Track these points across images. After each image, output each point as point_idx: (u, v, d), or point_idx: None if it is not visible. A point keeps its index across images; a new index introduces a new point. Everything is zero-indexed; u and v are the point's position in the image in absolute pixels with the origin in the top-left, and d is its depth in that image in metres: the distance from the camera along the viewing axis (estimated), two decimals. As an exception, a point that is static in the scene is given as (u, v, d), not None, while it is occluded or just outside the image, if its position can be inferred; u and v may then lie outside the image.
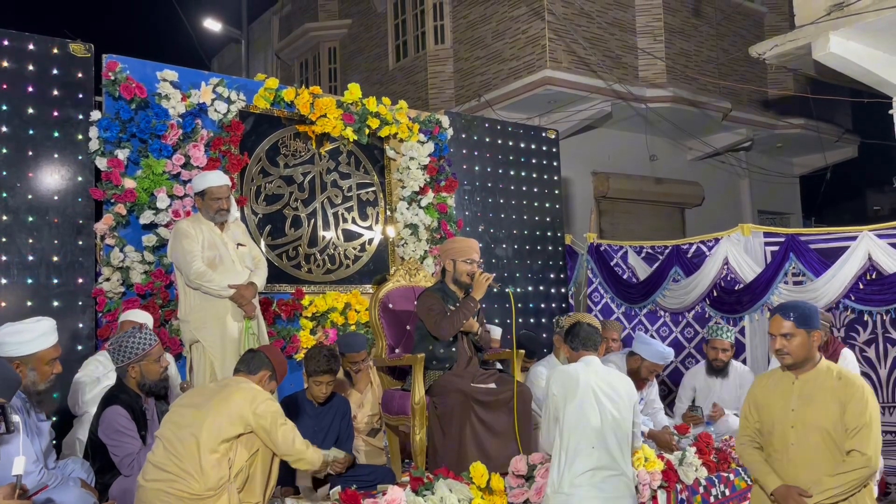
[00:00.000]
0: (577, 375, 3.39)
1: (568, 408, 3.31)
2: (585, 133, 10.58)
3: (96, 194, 4.69)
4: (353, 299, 5.60)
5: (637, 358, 4.95)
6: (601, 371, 3.48)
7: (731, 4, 11.66)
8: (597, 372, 3.45)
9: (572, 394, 3.32)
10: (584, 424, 3.27)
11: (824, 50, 6.04)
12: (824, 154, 12.50)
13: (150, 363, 3.48)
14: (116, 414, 3.36)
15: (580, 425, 3.27)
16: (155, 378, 3.50)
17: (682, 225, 12.10)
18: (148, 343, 3.50)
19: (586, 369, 3.44)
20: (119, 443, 3.33)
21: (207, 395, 3.17)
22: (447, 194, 6.28)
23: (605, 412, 3.31)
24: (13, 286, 4.41)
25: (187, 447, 2.97)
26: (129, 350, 3.45)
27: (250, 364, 3.33)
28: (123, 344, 3.47)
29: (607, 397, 3.35)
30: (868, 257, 5.51)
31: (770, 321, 3.15)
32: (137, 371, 3.47)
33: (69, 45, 4.72)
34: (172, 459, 2.96)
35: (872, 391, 3.04)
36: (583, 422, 3.28)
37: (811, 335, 3.03)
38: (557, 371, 3.50)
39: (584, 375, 3.39)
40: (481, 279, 4.22)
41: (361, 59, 13.09)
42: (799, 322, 3.01)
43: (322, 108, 5.59)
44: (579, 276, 7.69)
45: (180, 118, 4.97)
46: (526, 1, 9.59)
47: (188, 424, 3.02)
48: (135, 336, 3.50)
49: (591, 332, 3.59)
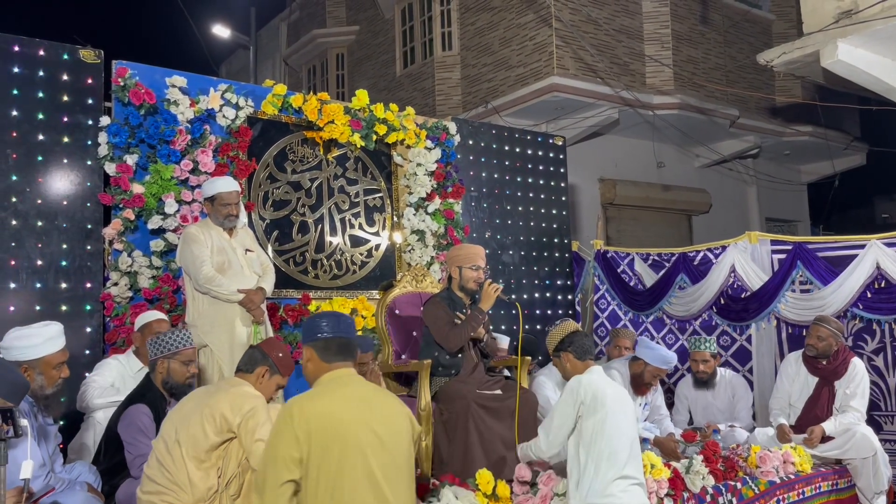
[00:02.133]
0: (603, 386, 3.35)
1: (597, 417, 3.25)
2: (592, 140, 10.58)
3: (105, 199, 4.71)
4: (360, 305, 5.61)
5: (640, 363, 4.94)
6: (610, 382, 3.48)
7: (739, 12, 11.66)
8: (612, 383, 3.45)
9: (601, 404, 3.26)
10: (615, 434, 3.25)
11: (833, 57, 6.03)
12: (832, 161, 12.47)
13: (178, 363, 3.53)
14: (140, 412, 3.38)
15: (613, 435, 3.24)
16: (180, 380, 3.52)
17: (690, 232, 12.08)
18: (183, 343, 3.57)
19: (605, 379, 3.44)
20: (136, 442, 3.33)
21: (195, 402, 3.08)
22: (454, 200, 6.29)
23: (627, 420, 3.33)
24: (22, 290, 4.43)
25: (175, 458, 2.92)
26: (164, 344, 3.53)
27: (248, 362, 3.27)
28: (162, 338, 3.56)
29: (623, 407, 3.36)
30: (876, 266, 5.48)
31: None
32: (165, 368, 3.52)
33: (79, 51, 4.75)
34: (162, 471, 2.92)
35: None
36: (615, 431, 3.25)
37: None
38: (586, 381, 3.37)
39: (609, 386, 3.38)
40: (490, 290, 4.20)
41: (369, 65, 13.13)
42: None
43: (330, 114, 5.61)
44: (586, 282, 7.68)
45: (189, 124, 4.99)
46: (533, 8, 9.61)
47: (175, 435, 2.96)
48: (174, 333, 3.60)
49: (590, 342, 3.59)
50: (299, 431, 2.36)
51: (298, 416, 2.38)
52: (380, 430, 2.45)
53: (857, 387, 4.84)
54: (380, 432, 2.45)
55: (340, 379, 2.56)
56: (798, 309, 5.87)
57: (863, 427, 4.75)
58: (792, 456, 4.49)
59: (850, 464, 4.72)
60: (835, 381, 4.92)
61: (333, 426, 2.38)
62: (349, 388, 2.52)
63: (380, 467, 2.41)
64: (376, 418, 2.47)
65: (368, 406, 2.49)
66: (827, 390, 4.93)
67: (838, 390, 4.90)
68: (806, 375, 5.06)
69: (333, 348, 2.60)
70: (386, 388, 4.68)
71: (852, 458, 4.69)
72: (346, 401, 2.47)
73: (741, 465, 4.38)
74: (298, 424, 2.37)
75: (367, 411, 2.46)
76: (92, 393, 3.99)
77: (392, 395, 2.72)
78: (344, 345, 2.62)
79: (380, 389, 2.64)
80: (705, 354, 5.32)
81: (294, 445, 2.36)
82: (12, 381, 2.67)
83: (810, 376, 5.04)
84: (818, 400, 4.95)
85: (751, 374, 6.14)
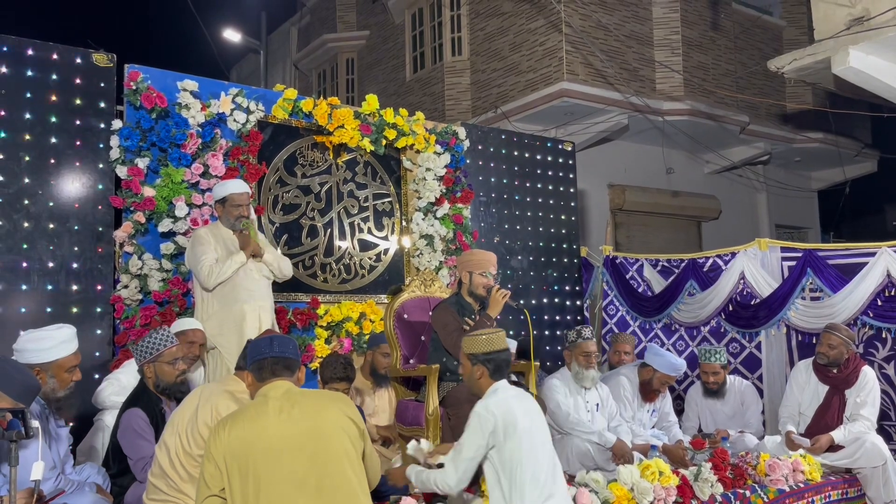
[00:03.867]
0: (512, 405, 3.05)
1: (512, 443, 2.99)
2: (602, 145, 10.58)
3: (116, 202, 4.74)
4: (369, 309, 5.62)
5: (649, 369, 4.93)
6: (520, 395, 3.19)
7: (749, 18, 11.64)
8: (522, 397, 3.17)
9: (513, 427, 2.99)
10: (534, 454, 3.02)
11: (844, 64, 6.02)
12: (843, 168, 12.41)
13: (164, 364, 3.49)
14: (135, 416, 3.38)
15: (532, 455, 3.01)
16: (169, 380, 3.49)
17: (699, 238, 12.05)
18: (163, 344, 3.52)
19: (511, 394, 3.14)
20: (134, 445, 3.34)
21: (193, 410, 3.02)
22: (463, 205, 6.29)
23: (542, 436, 3.12)
24: (33, 292, 4.46)
25: (177, 467, 2.90)
26: (145, 349, 3.50)
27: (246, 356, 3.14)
28: (142, 343, 3.52)
29: (536, 421, 3.13)
30: (887, 273, 5.44)
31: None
32: (152, 372, 3.50)
33: (92, 55, 4.79)
34: (166, 480, 2.91)
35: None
36: (533, 451, 3.02)
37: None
38: (492, 405, 3.05)
39: (516, 401, 3.09)
40: (497, 296, 4.19)
41: (379, 70, 13.17)
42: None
43: (340, 118, 5.62)
44: (595, 288, 7.67)
45: (200, 127, 5.02)
46: (543, 13, 9.62)
47: (177, 442, 2.94)
48: (153, 335, 3.55)
49: (507, 358, 3.25)
50: (217, 458, 2.43)
51: (214, 442, 2.44)
52: (299, 436, 2.46)
53: (868, 395, 4.81)
54: (300, 439, 2.45)
55: (265, 393, 2.59)
56: (808, 316, 5.85)
57: (873, 436, 4.72)
58: (801, 464, 4.47)
59: (859, 473, 4.69)
60: (845, 389, 4.89)
61: (246, 445, 2.41)
62: (269, 399, 2.54)
63: (311, 474, 2.42)
64: (294, 424, 2.48)
65: (287, 415, 2.49)
66: (837, 399, 4.90)
67: (849, 399, 4.87)
68: (816, 384, 5.03)
69: (267, 367, 2.67)
70: (395, 393, 4.70)
71: (862, 467, 4.66)
72: (262, 415, 2.49)
73: (750, 472, 4.36)
74: (215, 449, 2.43)
75: (283, 420, 2.47)
76: (110, 389, 4.00)
77: (322, 396, 2.73)
78: (274, 362, 2.67)
79: (309, 392, 2.67)
80: (715, 366, 5.27)
81: (210, 468, 2.44)
82: (24, 382, 2.69)
83: (821, 384, 5.01)
84: (828, 408, 4.92)
85: (760, 381, 6.11)
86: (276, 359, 2.66)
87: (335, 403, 2.62)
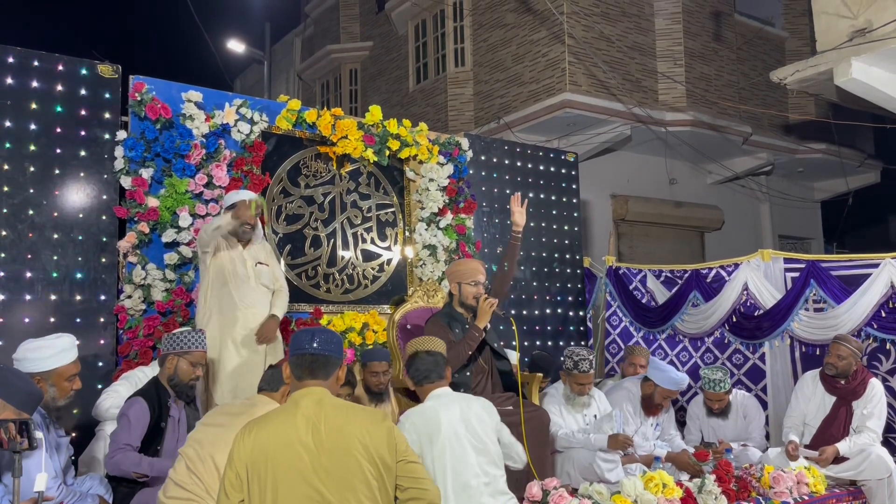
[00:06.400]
0: (436, 414, 3.04)
1: (434, 452, 2.99)
2: (605, 156, 10.59)
3: (120, 212, 4.75)
4: (371, 319, 5.62)
5: (651, 384, 4.90)
6: (455, 398, 3.19)
7: (752, 29, 11.67)
8: (451, 401, 3.16)
9: (434, 436, 2.98)
10: (461, 464, 2.99)
11: (846, 76, 6.03)
12: (846, 179, 12.41)
13: (187, 363, 3.65)
14: (136, 404, 3.45)
15: (458, 466, 2.98)
16: (185, 379, 3.64)
17: (702, 249, 12.03)
18: (195, 344, 3.69)
19: (441, 403, 3.13)
20: (121, 431, 3.40)
21: (232, 414, 3.16)
22: (466, 216, 6.30)
23: (473, 444, 3.07)
24: (37, 302, 4.47)
25: (207, 467, 2.96)
26: (178, 341, 3.66)
27: (271, 381, 3.33)
28: (177, 335, 3.69)
29: (470, 428, 3.09)
30: (890, 285, 5.42)
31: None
32: (174, 364, 3.63)
33: (97, 66, 4.81)
34: (193, 479, 2.94)
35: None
36: (460, 461, 2.99)
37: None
38: (412, 416, 3.08)
39: (442, 411, 3.06)
40: (485, 306, 4.19)
41: (382, 80, 13.22)
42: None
43: (343, 129, 5.64)
44: (598, 299, 7.66)
45: (204, 138, 5.04)
46: (546, 25, 9.66)
47: (209, 444, 3.01)
48: (191, 333, 3.71)
49: (429, 363, 3.29)
50: (238, 465, 2.34)
51: (238, 447, 2.36)
52: (319, 451, 2.33)
53: (875, 407, 4.79)
54: (319, 453, 2.32)
55: (297, 400, 2.46)
56: (811, 328, 5.83)
57: (878, 448, 4.70)
58: (806, 476, 4.44)
59: (864, 485, 4.66)
60: (853, 400, 4.88)
61: (268, 458, 2.31)
62: (300, 408, 2.41)
63: (330, 491, 2.31)
64: (319, 439, 2.34)
65: (313, 427, 2.36)
66: (844, 410, 4.88)
67: (856, 410, 4.85)
68: (823, 395, 5.01)
69: (305, 365, 2.50)
70: (398, 404, 4.68)
71: (867, 479, 4.63)
72: (289, 424, 2.37)
73: (754, 485, 4.34)
74: (238, 455, 2.35)
75: (307, 434, 2.35)
76: (109, 402, 4.01)
77: (352, 414, 2.46)
78: (312, 360, 2.51)
79: (342, 407, 2.47)
80: (721, 395, 5.21)
81: (231, 474, 2.35)
82: (27, 391, 2.69)
83: (827, 395, 4.99)
84: (835, 419, 4.90)
85: (764, 392, 6.09)
86: (314, 356, 2.50)
87: (363, 424, 2.42)
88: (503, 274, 4.54)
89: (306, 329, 2.66)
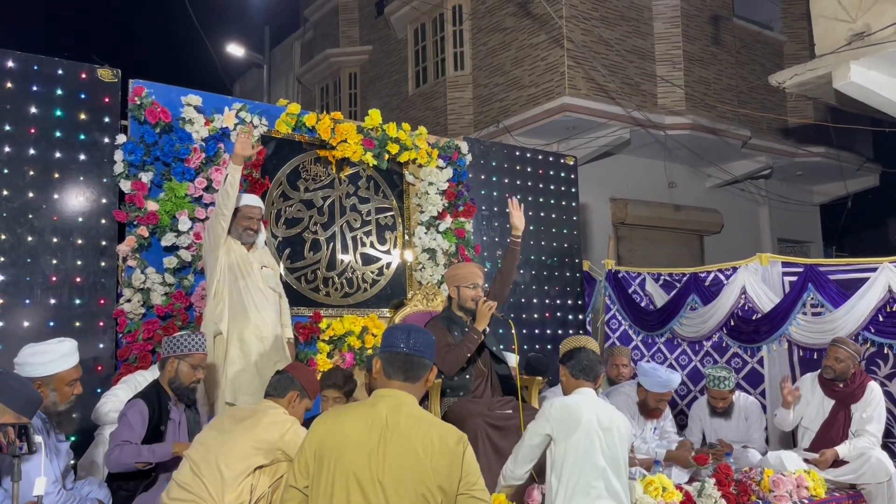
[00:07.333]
0: (578, 409, 3.16)
1: (569, 442, 3.09)
2: (604, 159, 10.60)
3: (119, 216, 4.76)
4: (371, 323, 5.61)
5: (642, 389, 4.90)
6: (598, 403, 3.28)
7: (751, 33, 11.70)
8: (595, 404, 3.25)
9: (574, 428, 3.09)
10: (587, 460, 3.06)
11: (845, 79, 6.04)
12: (845, 182, 12.43)
13: (187, 366, 3.63)
14: (136, 405, 3.45)
15: (583, 461, 3.06)
16: (185, 381, 3.63)
17: (701, 252, 12.05)
18: (196, 347, 3.67)
19: (586, 401, 3.23)
20: (119, 431, 3.40)
21: (238, 419, 3.18)
22: (465, 219, 6.30)
23: (605, 447, 3.14)
24: (36, 306, 4.47)
25: (211, 470, 2.98)
26: (178, 344, 3.65)
27: (277, 387, 3.35)
28: (178, 337, 3.67)
29: (606, 431, 3.17)
30: (888, 289, 5.43)
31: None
32: (174, 367, 3.62)
33: (97, 71, 4.82)
34: (197, 481, 2.97)
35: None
36: (586, 457, 3.06)
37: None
38: (557, 404, 3.20)
39: (585, 408, 3.17)
40: (483, 308, 4.20)
41: (381, 84, 13.24)
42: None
43: (343, 133, 5.65)
44: (597, 302, 7.66)
45: (203, 142, 5.04)
46: (545, 28, 9.68)
47: (214, 447, 3.03)
48: (191, 336, 3.69)
49: (593, 362, 3.38)
50: (308, 452, 2.32)
51: (311, 435, 2.35)
52: (381, 460, 2.25)
53: (874, 411, 4.79)
54: (380, 462, 2.24)
55: (376, 402, 2.38)
56: (809, 332, 5.83)
57: (878, 452, 4.70)
58: (805, 480, 4.44)
59: (864, 488, 4.66)
60: (852, 404, 4.88)
61: (336, 453, 2.26)
62: (376, 410, 2.33)
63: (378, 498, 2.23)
64: (383, 447, 2.26)
65: (382, 434, 2.28)
66: (843, 413, 4.88)
67: (855, 414, 4.86)
68: (822, 398, 5.01)
69: (397, 363, 2.42)
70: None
71: (867, 483, 4.63)
72: (361, 424, 2.30)
73: (754, 488, 4.34)
74: (309, 442, 2.34)
75: (375, 439, 2.27)
76: (109, 406, 4.00)
77: (424, 429, 2.33)
78: (405, 360, 2.42)
79: (417, 419, 2.34)
80: (724, 392, 5.20)
81: (302, 460, 2.33)
82: (27, 395, 2.70)
83: (826, 399, 4.99)
84: (834, 423, 4.90)
85: (763, 396, 6.09)
86: (407, 357, 2.41)
87: (433, 445, 2.29)
88: (503, 278, 4.55)
89: (401, 326, 2.60)
